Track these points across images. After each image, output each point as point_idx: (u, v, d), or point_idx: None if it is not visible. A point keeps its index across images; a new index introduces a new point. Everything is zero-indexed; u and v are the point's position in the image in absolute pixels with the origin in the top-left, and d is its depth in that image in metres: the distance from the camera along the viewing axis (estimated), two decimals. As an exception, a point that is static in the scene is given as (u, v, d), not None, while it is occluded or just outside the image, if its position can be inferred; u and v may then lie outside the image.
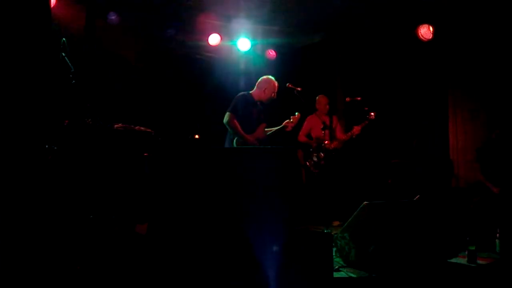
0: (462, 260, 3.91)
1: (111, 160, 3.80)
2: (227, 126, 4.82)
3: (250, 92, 5.04)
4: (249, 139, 4.83)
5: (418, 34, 5.86)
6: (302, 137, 6.17)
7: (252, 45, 6.82)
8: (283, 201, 3.67)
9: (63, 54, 3.76)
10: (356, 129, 5.72)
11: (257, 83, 5.09)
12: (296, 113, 5.00)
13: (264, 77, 5.09)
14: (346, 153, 6.06)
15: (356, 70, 7.04)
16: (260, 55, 7.11)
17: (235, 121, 4.77)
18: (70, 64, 3.77)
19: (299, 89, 5.04)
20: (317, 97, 6.19)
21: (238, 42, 6.77)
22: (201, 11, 6.30)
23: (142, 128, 4.14)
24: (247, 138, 4.81)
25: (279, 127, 5.05)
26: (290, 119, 4.99)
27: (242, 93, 4.97)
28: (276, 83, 5.04)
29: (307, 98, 5.20)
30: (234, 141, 4.87)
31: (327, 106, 6.11)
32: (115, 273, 3.19)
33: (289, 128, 4.99)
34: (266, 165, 4.30)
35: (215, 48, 6.81)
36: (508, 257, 4.09)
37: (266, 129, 5.09)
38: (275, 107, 5.36)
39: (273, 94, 5.01)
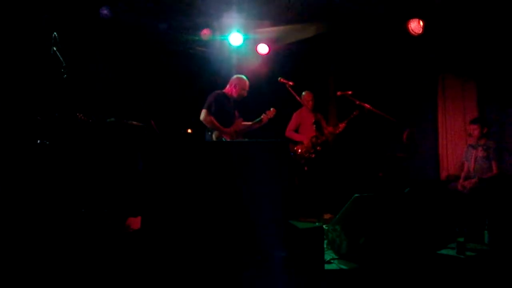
0: (451, 251, 3.96)
1: (104, 154, 3.80)
2: (204, 123, 5.05)
3: (223, 89, 5.28)
4: (227, 131, 5.08)
5: (408, 28, 5.89)
6: (289, 132, 6.19)
7: (244, 40, 6.82)
8: (276, 194, 3.70)
9: (55, 49, 3.74)
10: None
11: (229, 81, 5.32)
12: (271, 108, 5.31)
13: (236, 75, 5.33)
14: (337, 146, 6.10)
15: (348, 64, 7.07)
16: (252, 50, 7.10)
17: (211, 116, 5.01)
18: (61, 58, 3.76)
19: (291, 83, 5.11)
20: (302, 93, 6.20)
21: (230, 37, 6.76)
22: (193, 6, 6.28)
23: (134, 122, 4.15)
24: (224, 130, 5.06)
25: (255, 120, 5.32)
26: (265, 113, 5.28)
27: (216, 91, 5.22)
28: (247, 82, 5.27)
29: (300, 93, 5.26)
30: (213, 135, 5.07)
31: (311, 102, 6.12)
32: (108, 268, 3.21)
33: (264, 121, 5.30)
34: (258, 158, 4.34)
35: (208, 43, 6.80)
36: (496, 248, 4.15)
37: (243, 123, 5.32)
38: (268, 101, 5.43)
39: (243, 92, 5.24)
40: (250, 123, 5.35)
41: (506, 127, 5.99)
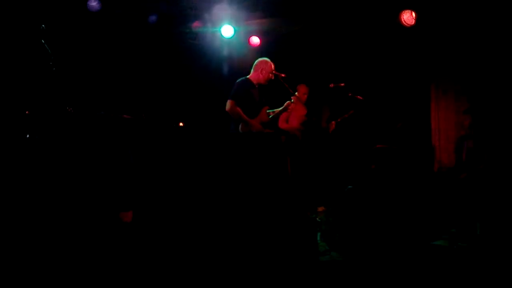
0: (443, 242, 3.99)
1: (94, 148, 3.76)
2: (229, 114, 4.83)
3: (248, 76, 5.05)
4: (254, 124, 4.86)
5: (401, 19, 5.88)
6: (282, 124, 6.21)
7: (235, 32, 6.78)
8: (269, 186, 3.69)
9: (43, 41, 3.68)
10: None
11: (253, 66, 5.09)
12: (296, 93, 5.33)
13: (260, 59, 5.10)
14: (329, 138, 6.11)
15: (340, 56, 7.06)
16: (243, 42, 7.07)
17: (237, 107, 4.78)
18: (50, 51, 3.70)
19: (283, 75, 5.08)
20: (297, 86, 6.24)
21: (222, 29, 6.72)
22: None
23: (125, 115, 4.10)
24: (251, 123, 4.83)
25: (281, 108, 5.14)
26: (291, 100, 5.10)
27: (241, 78, 4.98)
28: (272, 64, 5.06)
29: (291, 85, 5.23)
30: (239, 127, 4.86)
31: (305, 96, 6.17)
32: (100, 262, 3.18)
33: (290, 108, 5.15)
34: (251, 151, 4.32)
35: (199, 35, 6.76)
36: (487, 240, 4.18)
37: (268, 111, 5.14)
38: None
39: (270, 75, 5.03)
40: (275, 111, 5.17)
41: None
